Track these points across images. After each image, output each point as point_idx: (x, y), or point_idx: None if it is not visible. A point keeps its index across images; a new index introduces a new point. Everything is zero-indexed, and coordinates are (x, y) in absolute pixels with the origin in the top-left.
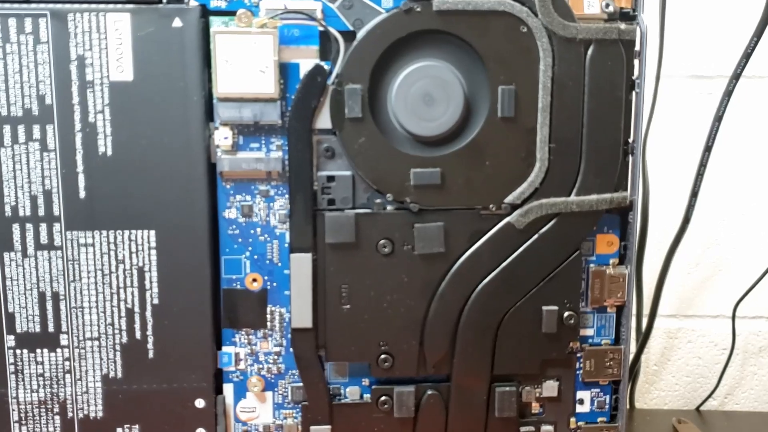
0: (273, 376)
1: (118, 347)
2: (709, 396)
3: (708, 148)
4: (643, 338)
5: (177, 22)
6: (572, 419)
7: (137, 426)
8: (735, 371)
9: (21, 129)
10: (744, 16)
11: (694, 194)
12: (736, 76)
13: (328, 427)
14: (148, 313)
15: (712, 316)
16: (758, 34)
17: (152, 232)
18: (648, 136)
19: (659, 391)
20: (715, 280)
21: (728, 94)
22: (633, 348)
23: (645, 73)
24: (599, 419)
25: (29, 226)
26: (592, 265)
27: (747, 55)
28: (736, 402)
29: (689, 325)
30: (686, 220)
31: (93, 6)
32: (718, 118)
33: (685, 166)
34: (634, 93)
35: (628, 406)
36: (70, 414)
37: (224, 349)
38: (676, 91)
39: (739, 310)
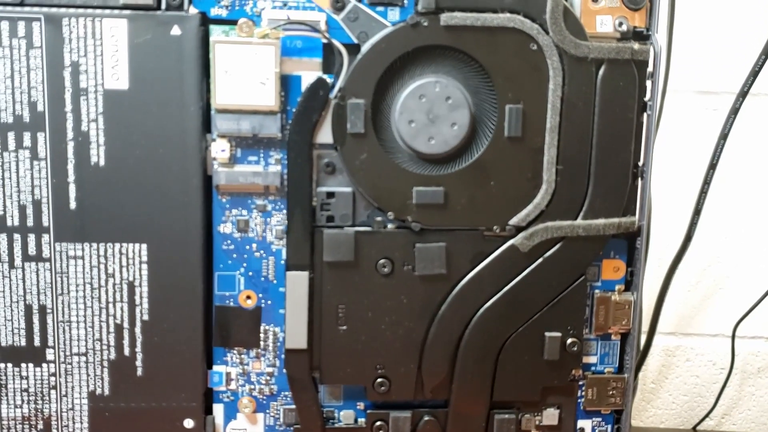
0: (265, 398)
1: (105, 363)
2: (707, 416)
3: (713, 166)
4: (641, 356)
5: (176, 30)
6: None
7: None
8: (733, 391)
9: (11, 136)
10: (752, 32)
11: (697, 212)
12: (743, 94)
13: None
14: (138, 329)
15: (711, 335)
16: (766, 53)
17: (144, 246)
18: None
19: (656, 409)
20: (715, 298)
21: (734, 111)
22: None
23: (658, 94)
24: None
25: (17, 236)
26: (597, 291)
27: (755, 73)
28: (733, 422)
29: (688, 343)
30: (688, 238)
31: (89, 11)
32: (724, 136)
33: (688, 183)
34: (645, 115)
35: None
36: (54, 431)
37: (215, 368)
38: (682, 106)
39: (738, 330)
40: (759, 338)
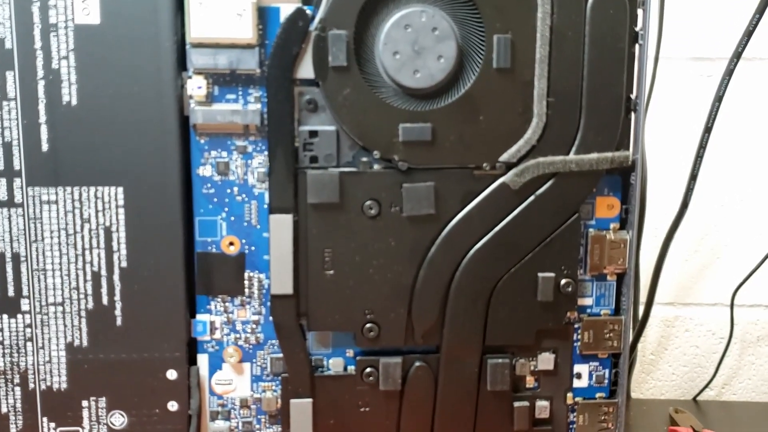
0: (251, 347)
1: (83, 313)
2: (707, 386)
3: (708, 129)
4: (640, 326)
5: None
6: (569, 394)
7: (104, 398)
8: (732, 361)
9: None
10: None
11: (693, 177)
12: (738, 55)
13: (310, 400)
14: (116, 277)
15: (710, 305)
16: (761, 11)
17: (120, 189)
18: (646, 118)
19: (656, 380)
20: (713, 267)
21: (729, 73)
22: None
23: (649, 24)
24: (598, 395)
25: None
26: (591, 229)
27: (749, 33)
28: (734, 392)
29: (686, 313)
30: (684, 205)
31: None
32: (719, 98)
33: (683, 151)
34: (637, 45)
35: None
36: (31, 385)
37: (198, 317)
38: (676, 73)
39: (737, 299)
40: (758, 306)
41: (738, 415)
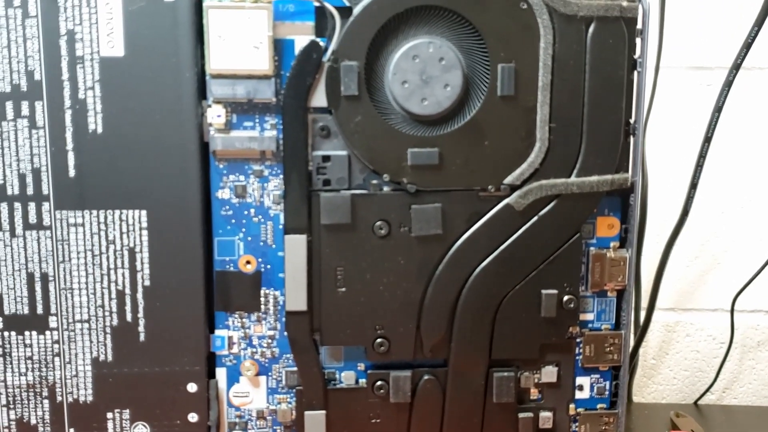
0: (267, 361)
1: (108, 330)
2: (707, 390)
3: (708, 139)
4: (641, 331)
5: None
6: (571, 405)
7: (128, 410)
8: (733, 365)
9: (9, 105)
10: (744, 7)
11: (694, 186)
12: (737, 66)
13: (323, 412)
14: (140, 295)
15: (711, 310)
16: (759, 24)
17: (143, 212)
18: (647, 127)
19: (657, 385)
20: (713, 273)
21: (728, 84)
22: (631, 339)
23: (647, 52)
24: (599, 406)
25: (17, 205)
26: (592, 248)
27: (747, 45)
28: (734, 396)
29: (687, 318)
30: (685, 213)
31: None
32: (718, 109)
33: (684, 158)
34: (636, 73)
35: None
36: (59, 398)
37: (217, 332)
38: (676, 82)
39: (737, 304)
40: (758, 311)
41: (738, 419)
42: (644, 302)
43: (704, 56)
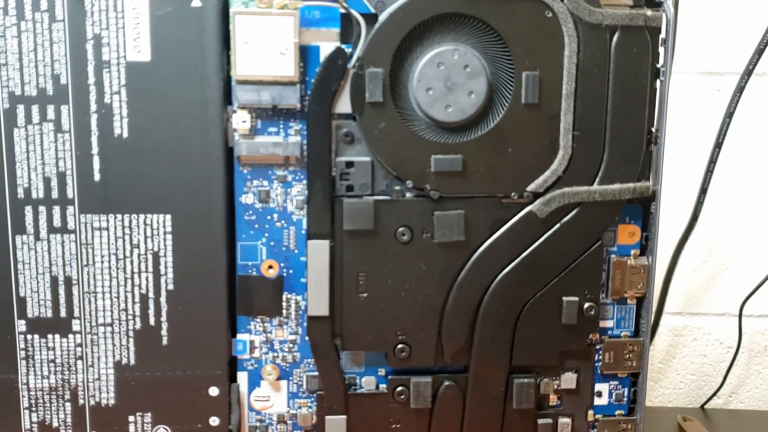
0: (288, 365)
1: (131, 333)
2: (714, 394)
3: (718, 145)
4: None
5: (196, 2)
6: (590, 412)
7: (149, 414)
8: (740, 370)
9: (35, 109)
10: (756, 12)
11: (703, 191)
12: (748, 73)
13: (344, 417)
14: (163, 299)
15: (718, 314)
16: None
17: (168, 217)
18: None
19: (664, 389)
20: (721, 278)
21: (740, 90)
22: None
23: (670, 61)
24: (617, 412)
25: (42, 208)
26: (613, 255)
27: (759, 52)
28: (741, 401)
29: (695, 323)
30: (694, 218)
31: None
32: (729, 115)
33: (693, 163)
34: (658, 81)
35: None
36: (81, 401)
37: (239, 336)
38: (687, 87)
39: (745, 309)
40: (766, 317)
41: (745, 424)
42: (652, 306)
43: (715, 61)
